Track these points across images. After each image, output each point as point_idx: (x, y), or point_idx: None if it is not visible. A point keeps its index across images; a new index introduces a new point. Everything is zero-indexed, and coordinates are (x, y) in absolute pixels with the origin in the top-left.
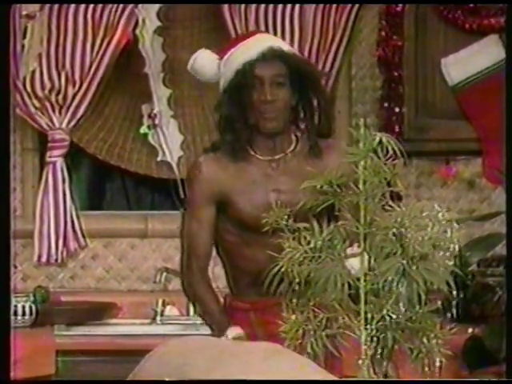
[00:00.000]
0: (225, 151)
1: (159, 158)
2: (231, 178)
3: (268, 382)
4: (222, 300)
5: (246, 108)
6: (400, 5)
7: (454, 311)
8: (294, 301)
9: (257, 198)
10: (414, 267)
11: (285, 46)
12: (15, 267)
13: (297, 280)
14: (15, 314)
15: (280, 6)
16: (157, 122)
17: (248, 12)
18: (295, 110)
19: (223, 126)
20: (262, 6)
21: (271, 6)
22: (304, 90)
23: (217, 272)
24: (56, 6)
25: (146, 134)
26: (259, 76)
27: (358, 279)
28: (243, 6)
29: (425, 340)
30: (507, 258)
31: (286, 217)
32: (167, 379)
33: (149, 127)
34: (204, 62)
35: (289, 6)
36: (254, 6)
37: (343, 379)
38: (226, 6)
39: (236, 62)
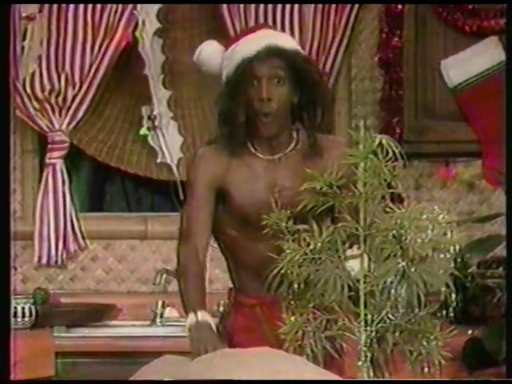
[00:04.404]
0: (224, 145)
1: (159, 160)
2: (231, 170)
3: (268, 381)
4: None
5: (245, 104)
6: (400, 6)
7: (454, 313)
8: (294, 302)
9: (257, 193)
10: (414, 269)
11: (288, 43)
12: (15, 269)
13: (296, 281)
14: (15, 315)
15: (279, 8)
16: (156, 123)
17: (248, 13)
18: (297, 107)
19: (222, 120)
20: (262, 7)
21: (271, 8)
22: (306, 88)
23: (217, 274)
24: (56, 8)
25: (145, 136)
26: (256, 74)
27: (358, 281)
28: (243, 7)
29: (424, 342)
30: (507, 260)
31: (285, 219)
32: (167, 379)
33: (148, 129)
34: (210, 52)
35: (288, 8)
36: (253, 7)
37: (343, 379)
38: (225, 8)
39: (236, 57)
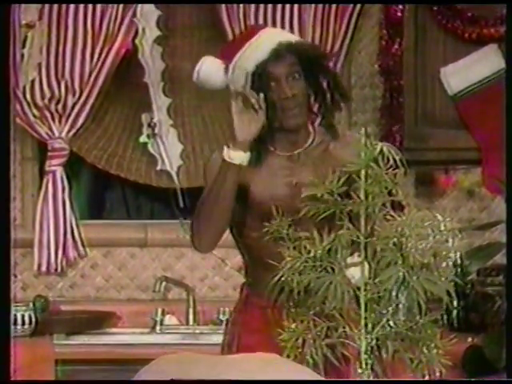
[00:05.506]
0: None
1: (159, 167)
2: (250, 168)
3: (268, 382)
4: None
5: (267, 109)
6: (400, 13)
7: (454, 320)
8: (294, 310)
9: (277, 189)
10: (415, 277)
11: (292, 38)
12: (15, 276)
13: (297, 289)
14: (15, 323)
15: (279, 15)
16: (156, 131)
17: (247, 20)
18: (312, 98)
19: None
20: (261, 14)
21: (270, 15)
22: (315, 77)
23: (217, 281)
24: (55, 16)
25: (145, 143)
26: (275, 74)
27: (359, 288)
28: (242, 14)
29: (425, 350)
30: (507, 267)
31: (286, 226)
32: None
33: (148, 136)
34: (210, 70)
35: (288, 15)
36: (252, 14)
37: (343, 380)
38: (224, 15)
39: (247, 64)
